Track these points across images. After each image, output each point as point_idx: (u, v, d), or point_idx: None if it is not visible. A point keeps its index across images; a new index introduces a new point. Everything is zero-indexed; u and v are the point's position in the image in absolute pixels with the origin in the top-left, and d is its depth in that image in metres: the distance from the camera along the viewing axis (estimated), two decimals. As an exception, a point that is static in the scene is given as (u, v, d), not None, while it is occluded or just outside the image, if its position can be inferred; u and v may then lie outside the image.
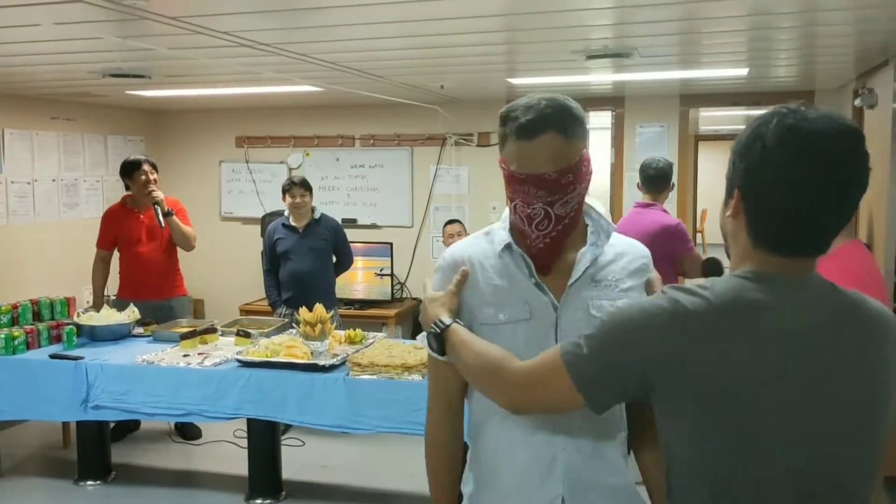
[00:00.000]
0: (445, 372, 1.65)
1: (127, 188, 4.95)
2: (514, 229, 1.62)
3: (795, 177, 1.22)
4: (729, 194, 1.33)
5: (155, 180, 4.85)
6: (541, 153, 1.50)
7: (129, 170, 4.86)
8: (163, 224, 4.79)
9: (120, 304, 4.69)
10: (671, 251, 4.19)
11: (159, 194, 4.82)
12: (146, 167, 4.83)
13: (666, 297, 1.26)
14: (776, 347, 1.20)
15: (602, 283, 1.61)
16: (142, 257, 4.88)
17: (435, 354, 1.62)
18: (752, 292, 1.23)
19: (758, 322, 1.21)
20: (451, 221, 5.80)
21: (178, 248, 5.04)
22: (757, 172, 1.25)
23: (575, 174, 1.53)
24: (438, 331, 1.57)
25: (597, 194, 3.96)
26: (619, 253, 1.65)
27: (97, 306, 4.78)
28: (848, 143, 1.22)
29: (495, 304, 1.59)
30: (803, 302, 1.25)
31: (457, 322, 1.57)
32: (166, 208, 4.82)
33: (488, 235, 1.68)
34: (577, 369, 1.31)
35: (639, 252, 1.68)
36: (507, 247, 1.61)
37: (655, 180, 4.38)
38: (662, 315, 1.24)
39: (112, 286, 5.08)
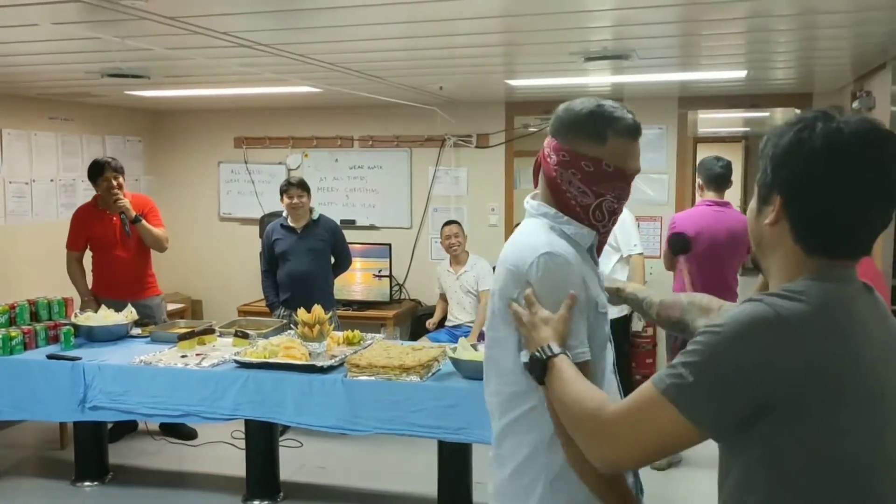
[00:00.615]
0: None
1: (96, 189, 4.83)
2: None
3: (849, 178, 1.23)
4: (765, 202, 1.32)
5: (119, 185, 4.72)
6: (638, 152, 1.66)
7: (93, 174, 4.75)
8: (129, 233, 4.71)
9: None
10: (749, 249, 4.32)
11: (125, 202, 4.70)
12: (109, 174, 4.69)
13: (763, 304, 1.22)
14: (873, 337, 1.25)
15: None
16: (115, 259, 4.81)
17: (533, 381, 1.53)
18: (834, 291, 1.25)
19: (852, 317, 1.24)
20: (449, 223, 5.79)
21: (168, 249, 5.01)
22: (806, 177, 1.25)
23: None
24: (545, 357, 1.49)
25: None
26: None
27: (88, 305, 4.76)
28: (889, 144, 1.25)
29: (600, 294, 1.69)
30: (861, 293, 1.30)
31: (565, 353, 1.50)
32: (133, 215, 4.71)
33: (553, 231, 1.65)
34: (688, 400, 1.22)
35: None
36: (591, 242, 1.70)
37: (723, 178, 4.49)
38: (771, 323, 1.20)
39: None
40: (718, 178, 4.45)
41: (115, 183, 4.70)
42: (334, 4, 2.72)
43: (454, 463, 3.79)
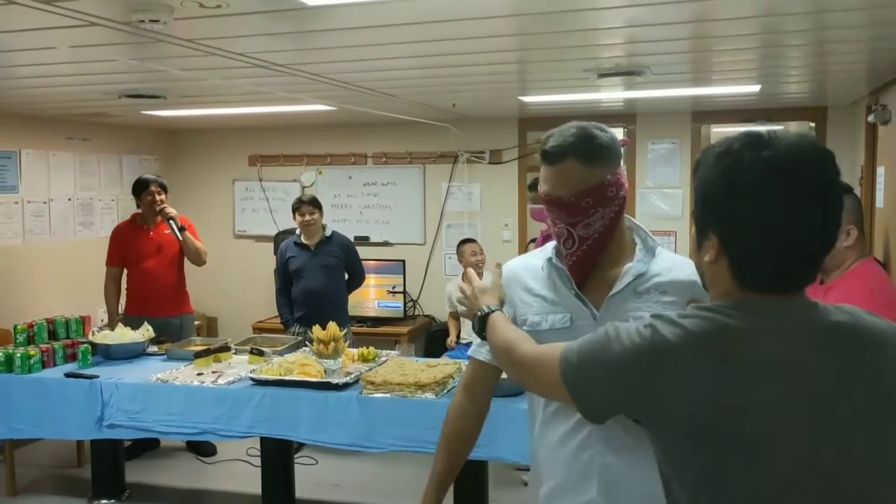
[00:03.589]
0: (481, 371, 1.85)
1: (138, 206, 5.05)
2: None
3: (779, 212, 1.17)
4: (703, 236, 1.28)
5: (162, 201, 4.94)
6: (561, 178, 1.64)
7: (138, 189, 4.99)
8: (180, 237, 4.90)
9: (128, 321, 4.71)
10: None
11: (172, 210, 4.94)
12: (153, 188, 4.94)
13: (646, 326, 1.25)
14: (760, 375, 1.17)
15: (644, 295, 1.70)
16: (150, 274, 4.94)
17: (477, 339, 1.77)
18: (732, 320, 1.20)
19: (738, 351, 1.18)
20: (468, 241, 5.78)
21: (186, 266, 5.12)
22: (735, 214, 1.20)
23: (595, 198, 1.62)
24: (483, 314, 1.70)
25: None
26: (667, 268, 1.73)
27: (112, 325, 4.81)
28: (822, 166, 1.19)
29: (540, 312, 1.75)
30: (789, 328, 1.20)
31: (501, 311, 1.70)
32: (180, 223, 4.93)
33: (544, 252, 1.81)
34: (568, 376, 1.34)
35: (686, 270, 1.68)
36: (549, 261, 1.76)
37: None
38: (640, 345, 1.23)
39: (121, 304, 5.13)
40: None
41: (158, 198, 4.94)
42: (348, 25, 2.75)
43: (470, 480, 3.77)
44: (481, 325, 1.70)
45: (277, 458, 4.07)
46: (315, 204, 5.08)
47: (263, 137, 6.83)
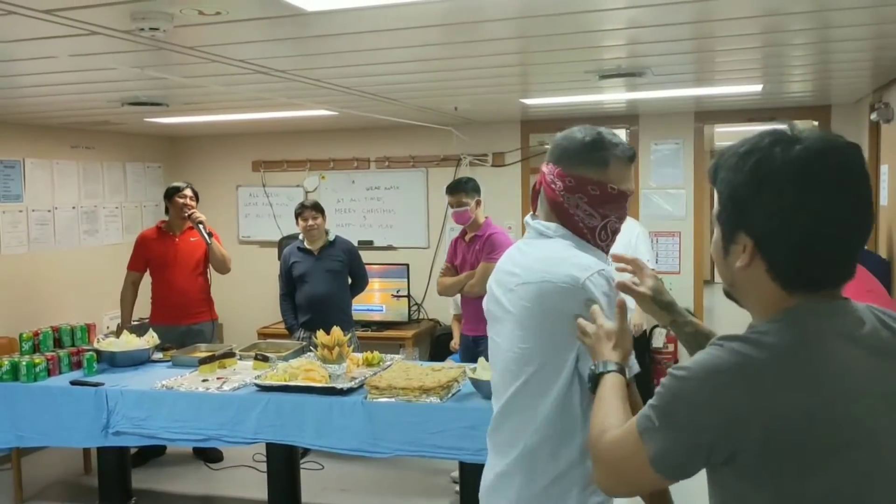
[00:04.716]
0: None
1: (166, 211, 5.11)
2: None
3: (820, 209, 1.14)
4: (731, 241, 1.23)
5: (193, 206, 5.02)
6: (632, 175, 1.79)
7: (171, 192, 5.05)
8: (209, 241, 4.96)
9: (154, 329, 4.72)
10: None
11: (201, 215, 5.02)
12: (188, 192, 5.02)
13: (726, 349, 1.16)
14: (855, 378, 1.15)
15: None
16: (174, 280, 4.98)
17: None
18: (806, 332, 1.16)
19: (824, 359, 1.15)
20: None
21: (209, 274, 5.15)
22: (769, 212, 1.16)
23: None
24: (597, 373, 1.52)
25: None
26: None
27: (119, 331, 4.85)
28: (854, 156, 1.18)
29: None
30: (850, 326, 1.19)
31: (620, 371, 1.51)
32: (208, 228, 5.00)
33: (593, 253, 1.75)
34: (654, 445, 1.19)
35: None
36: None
37: None
38: (729, 374, 1.14)
39: (144, 311, 5.16)
40: None
41: (191, 203, 5.00)
42: (348, 30, 2.75)
43: (476, 484, 3.75)
44: (594, 383, 1.53)
45: (283, 463, 4.07)
46: (318, 209, 5.08)
47: (266, 143, 6.84)
